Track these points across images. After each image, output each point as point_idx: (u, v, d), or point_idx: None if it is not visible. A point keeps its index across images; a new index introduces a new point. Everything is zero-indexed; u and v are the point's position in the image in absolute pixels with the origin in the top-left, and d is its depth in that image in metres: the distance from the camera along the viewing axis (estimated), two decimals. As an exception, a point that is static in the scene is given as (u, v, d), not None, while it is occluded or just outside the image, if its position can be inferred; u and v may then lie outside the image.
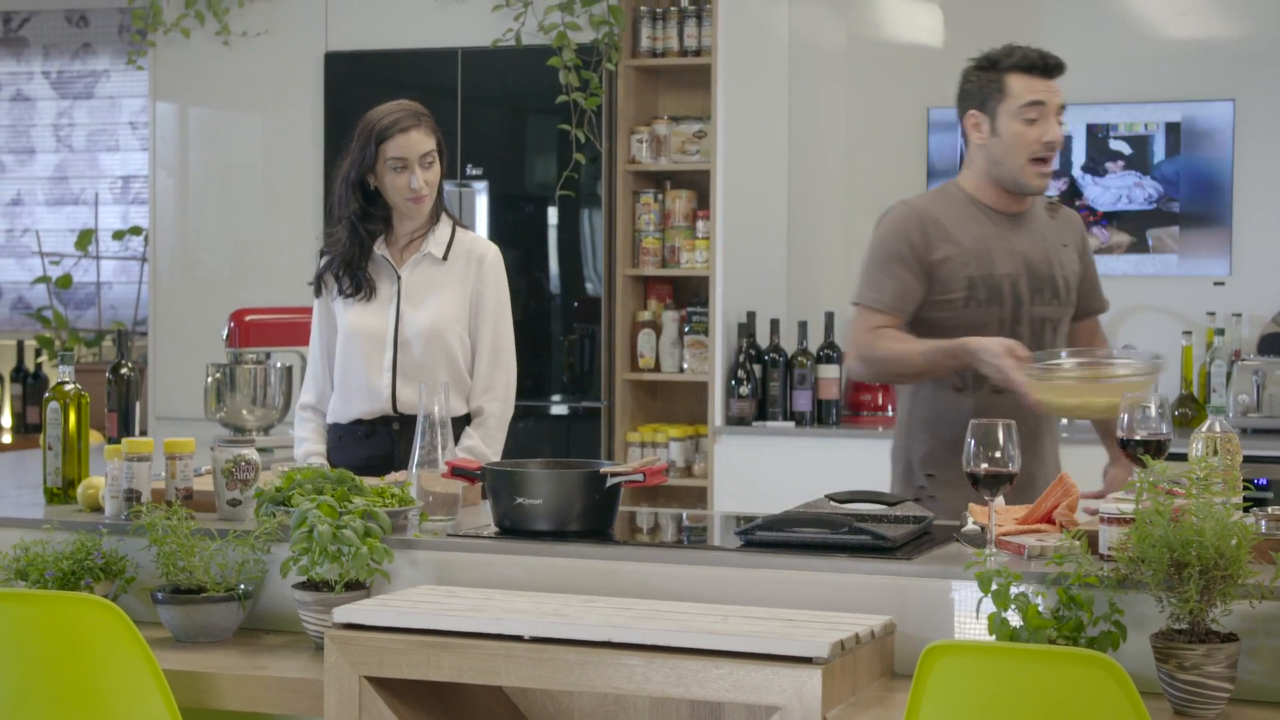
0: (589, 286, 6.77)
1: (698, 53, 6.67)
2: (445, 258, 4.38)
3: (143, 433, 5.33)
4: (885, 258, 4.20)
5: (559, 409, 6.80)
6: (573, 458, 6.04)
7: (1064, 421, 4.72)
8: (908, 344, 4.10)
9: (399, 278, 4.38)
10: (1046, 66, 4.14)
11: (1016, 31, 6.66)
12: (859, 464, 6.20)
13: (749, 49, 6.66)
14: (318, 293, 4.46)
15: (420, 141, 4.31)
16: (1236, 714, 2.90)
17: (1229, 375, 6.20)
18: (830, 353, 6.43)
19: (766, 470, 6.30)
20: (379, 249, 4.38)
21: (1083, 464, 4.08)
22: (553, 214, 6.79)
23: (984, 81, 4.17)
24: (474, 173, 6.84)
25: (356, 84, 7.04)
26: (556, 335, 6.78)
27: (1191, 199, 6.49)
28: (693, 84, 6.82)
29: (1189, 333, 6.42)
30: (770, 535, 3.39)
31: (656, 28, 6.73)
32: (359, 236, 4.35)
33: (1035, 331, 4.15)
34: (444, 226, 4.42)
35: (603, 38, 6.63)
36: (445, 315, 4.34)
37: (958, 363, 4.01)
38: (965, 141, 4.24)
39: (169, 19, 7.25)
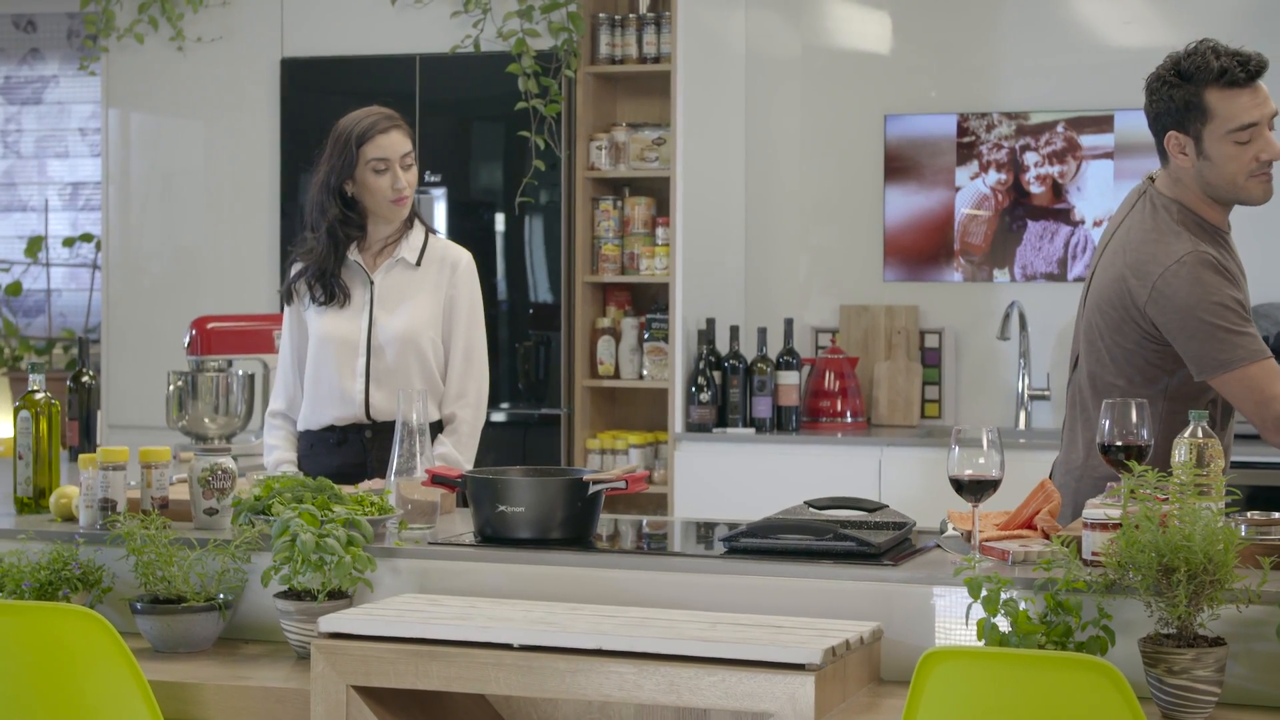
0: (548, 293, 6.77)
1: (656, 60, 6.68)
2: (418, 264, 4.38)
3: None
4: (1234, 308, 3.74)
5: (518, 416, 6.78)
6: (530, 465, 6.04)
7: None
8: None
9: (372, 283, 4.37)
10: (1249, 74, 3.74)
11: (964, 39, 6.74)
12: (818, 470, 6.25)
13: (707, 56, 6.67)
14: (288, 301, 4.44)
15: (400, 142, 4.32)
16: (1224, 718, 2.93)
17: (1185, 381, 6.25)
18: (789, 359, 6.45)
19: (727, 477, 6.31)
20: (352, 255, 4.38)
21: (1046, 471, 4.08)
22: (511, 221, 6.78)
23: (1179, 100, 3.79)
24: (432, 179, 6.82)
25: (313, 91, 7.01)
26: (514, 342, 6.77)
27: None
28: (651, 91, 6.83)
29: (1145, 339, 6.46)
30: (754, 542, 3.39)
31: (615, 35, 6.73)
32: (337, 243, 4.34)
33: None
34: (417, 232, 4.42)
35: (562, 45, 6.63)
36: (419, 321, 4.34)
37: None
38: (1165, 156, 3.89)
39: (122, 24, 7.20)
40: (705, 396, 6.41)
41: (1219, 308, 3.71)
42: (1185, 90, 3.78)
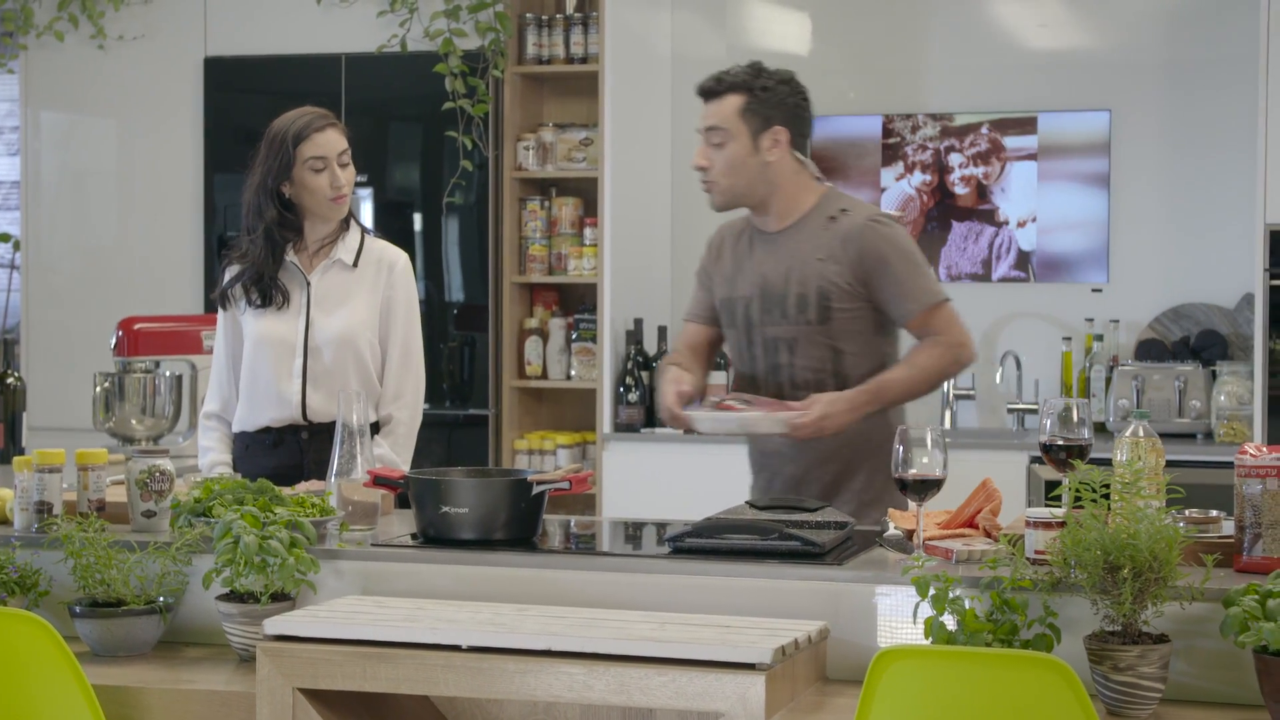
0: (474, 293, 6.75)
1: (584, 60, 6.68)
2: (355, 264, 4.36)
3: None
4: (697, 273, 4.39)
5: (443, 416, 6.76)
6: (456, 466, 6.02)
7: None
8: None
9: (309, 284, 4.34)
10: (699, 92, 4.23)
11: (887, 41, 6.79)
12: (748, 470, 6.25)
13: (634, 58, 6.67)
14: (224, 306, 4.40)
15: (336, 140, 4.30)
16: (1168, 714, 2.96)
17: (1108, 380, 6.32)
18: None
19: (655, 477, 6.31)
20: (288, 256, 4.35)
21: (998, 470, 4.13)
22: (439, 221, 6.76)
23: None
24: (358, 179, 6.76)
25: (237, 90, 6.97)
26: (439, 342, 6.75)
27: (1070, 208, 6.61)
28: (578, 91, 6.83)
29: (1068, 338, 6.53)
30: (700, 542, 3.40)
31: (543, 35, 6.73)
32: (274, 245, 4.30)
33: (768, 352, 4.16)
34: (353, 234, 4.40)
35: (489, 45, 6.62)
36: (356, 322, 4.32)
37: None
38: None
39: (41, 22, 7.12)
40: (633, 397, 6.42)
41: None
42: None
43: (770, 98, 4.16)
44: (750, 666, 2.90)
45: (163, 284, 7.05)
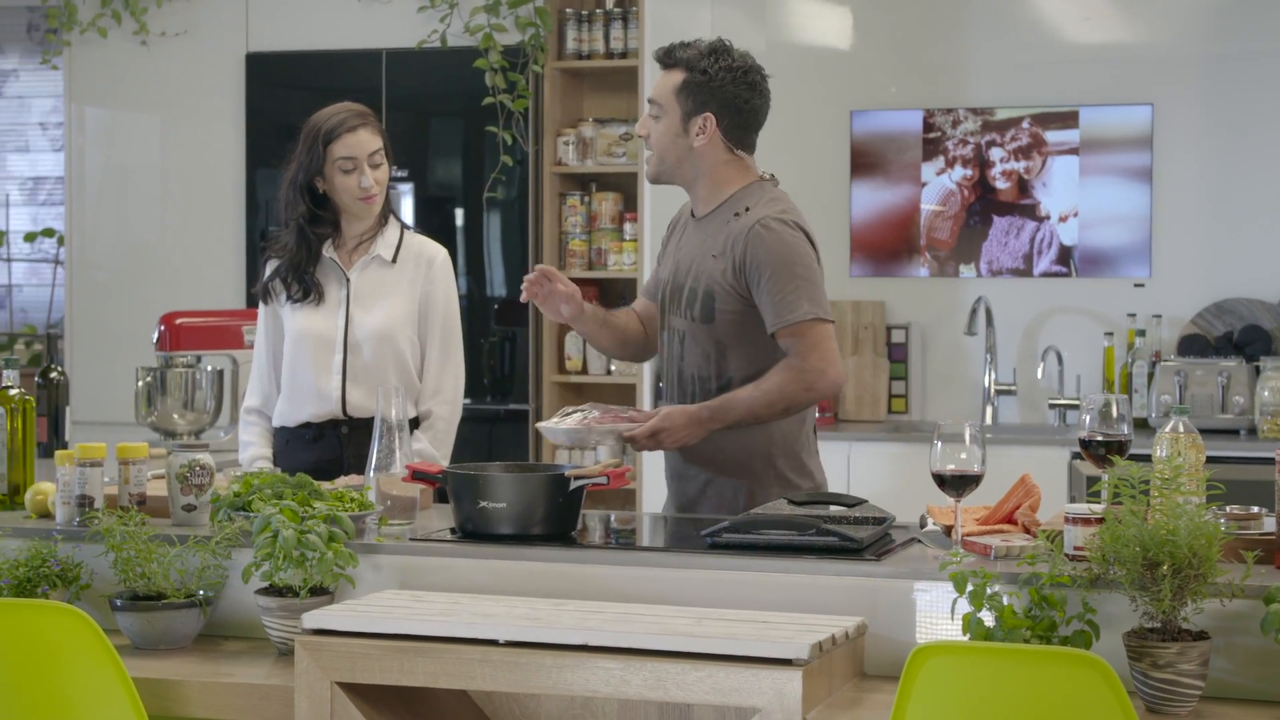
0: (516, 289, 6.75)
1: (624, 55, 6.69)
2: (394, 260, 4.37)
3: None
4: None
5: (484, 411, 6.77)
6: (497, 460, 6.03)
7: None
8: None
9: (348, 280, 4.35)
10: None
11: (929, 36, 6.77)
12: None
13: (674, 52, 6.66)
14: (265, 300, 4.42)
15: (368, 140, 4.29)
16: (1208, 711, 2.95)
17: (1150, 376, 6.29)
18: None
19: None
20: (327, 251, 4.36)
21: (1040, 465, 4.11)
22: (480, 217, 6.77)
23: None
24: (399, 175, 6.80)
25: (278, 86, 6.99)
26: (480, 338, 6.76)
27: (1112, 203, 6.58)
28: (618, 86, 6.83)
29: (1110, 334, 6.50)
30: (738, 537, 3.39)
31: (582, 30, 6.74)
32: (306, 240, 4.33)
33: (669, 340, 4.07)
34: (392, 229, 4.41)
35: (529, 40, 6.62)
36: (395, 317, 4.33)
37: None
38: None
39: (84, 18, 7.16)
40: (673, 392, 6.41)
41: None
42: None
43: (708, 83, 3.98)
44: (787, 662, 2.90)
45: (205, 279, 7.08)
